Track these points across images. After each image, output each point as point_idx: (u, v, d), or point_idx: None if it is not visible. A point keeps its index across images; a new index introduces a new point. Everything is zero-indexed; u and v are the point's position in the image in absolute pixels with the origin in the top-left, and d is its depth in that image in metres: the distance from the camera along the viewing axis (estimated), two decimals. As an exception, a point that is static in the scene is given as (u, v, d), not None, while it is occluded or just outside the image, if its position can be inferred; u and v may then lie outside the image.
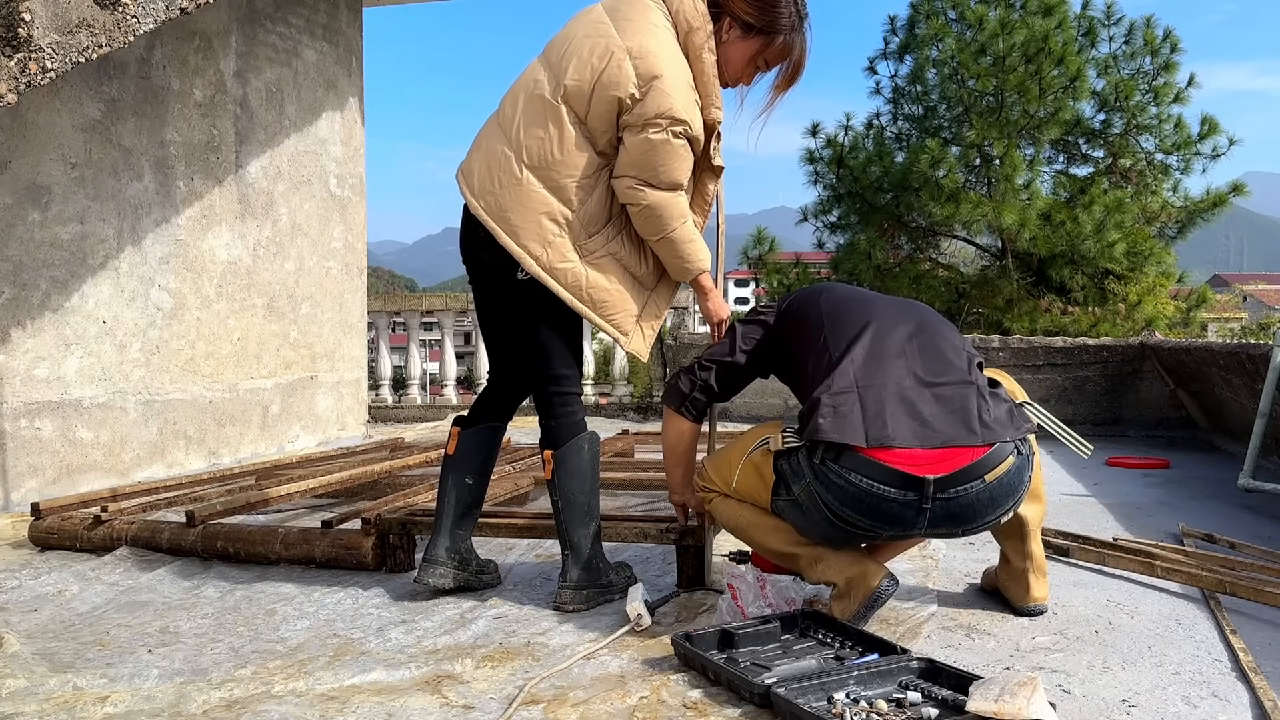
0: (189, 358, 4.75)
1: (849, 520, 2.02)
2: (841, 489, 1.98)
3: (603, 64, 2.24)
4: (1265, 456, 4.16)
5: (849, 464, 1.97)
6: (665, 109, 2.21)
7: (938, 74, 10.36)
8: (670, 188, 2.29)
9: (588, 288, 2.34)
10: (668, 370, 7.82)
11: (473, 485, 2.58)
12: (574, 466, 2.46)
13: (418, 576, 2.56)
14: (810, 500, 2.05)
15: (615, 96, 2.23)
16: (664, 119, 2.21)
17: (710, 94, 2.32)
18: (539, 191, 2.29)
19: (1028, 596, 2.35)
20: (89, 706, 1.87)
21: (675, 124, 2.22)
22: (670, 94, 2.22)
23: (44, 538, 3.30)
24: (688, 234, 2.35)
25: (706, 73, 2.31)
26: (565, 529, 2.48)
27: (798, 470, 2.07)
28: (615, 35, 2.26)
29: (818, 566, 2.17)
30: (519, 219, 2.30)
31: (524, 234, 2.30)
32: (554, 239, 2.30)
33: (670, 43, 2.27)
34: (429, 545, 2.58)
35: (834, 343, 2.15)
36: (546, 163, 2.29)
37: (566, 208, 2.30)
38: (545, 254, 2.30)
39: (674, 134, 2.23)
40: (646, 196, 2.27)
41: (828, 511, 2.03)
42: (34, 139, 3.98)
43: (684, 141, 2.26)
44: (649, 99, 2.21)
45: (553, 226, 2.30)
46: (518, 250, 2.30)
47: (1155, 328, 8.98)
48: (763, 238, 11.28)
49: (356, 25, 6.08)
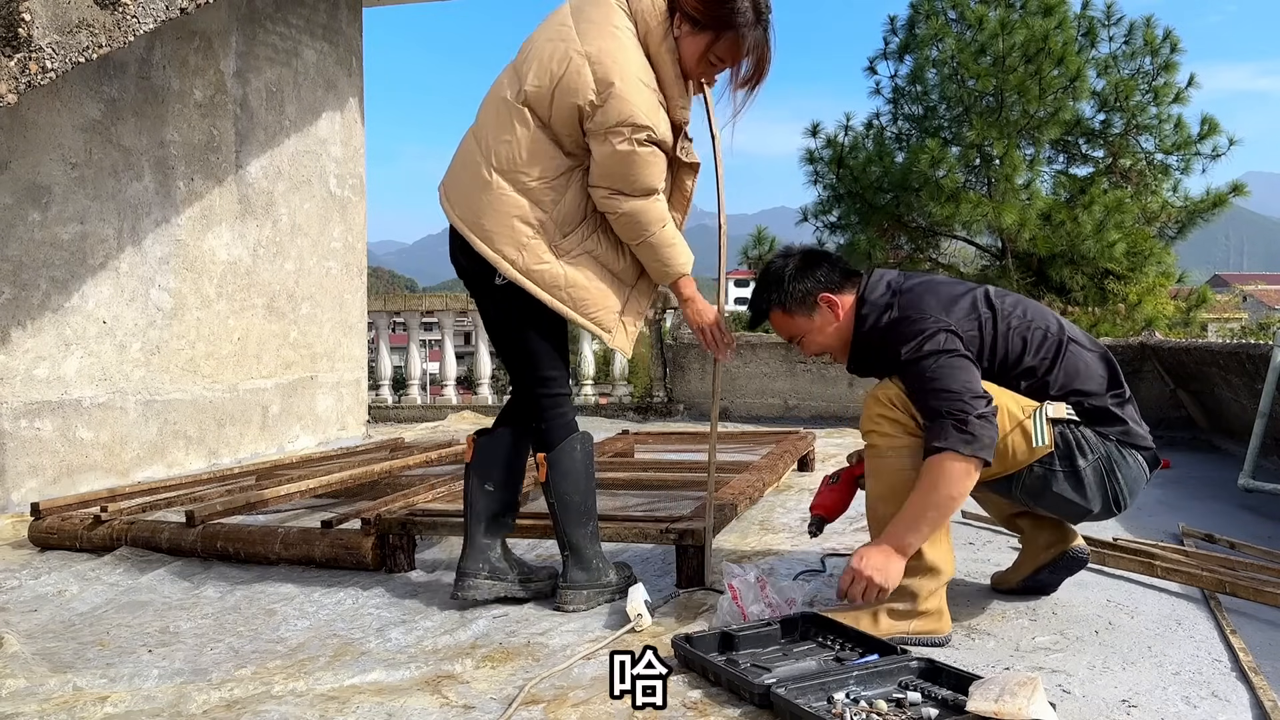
0: (189, 358, 4.75)
1: (1124, 499, 2.23)
2: (1134, 472, 2.24)
3: (561, 70, 2.23)
4: (1265, 456, 4.16)
5: (1146, 457, 2.26)
6: (625, 116, 2.20)
7: (938, 74, 10.36)
8: (645, 194, 2.28)
9: (566, 287, 2.32)
10: (668, 370, 7.82)
11: (495, 491, 2.50)
12: (567, 467, 2.45)
13: (452, 593, 2.50)
14: (1096, 474, 2.19)
15: (574, 103, 2.22)
16: (625, 126, 2.20)
17: (674, 95, 2.30)
18: (509, 195, 2.29)
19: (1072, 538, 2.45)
20: (89, 706, 1.87)
21: (638, 130, 2.21)
22: (629, 99, 2.20)
23: (44, 538, 3.30)
24: (667, 238, 2.33)
25: (668, 73, 2.29)
26: (563, 530, 2.46)
27: (1092, 445, 2.19)
28: (575, 39, 2.25)
29: (932, 577, 2.17)
30: (492, 224, 2.30)
31: (498, 238, 2.30)
32: (529, 241, 2.30)
33: (631, 46, 2.26)
34: (460, 558, 2.53)
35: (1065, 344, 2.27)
36: (514, 166, 2.29)
37: (539, 209, 2.29)
38: (521, 257, 2.30)
39: (639, 142, 2.21)
40: (622, 205, 2.28)
41: (1113, 485, 2.21)
42: (34, 139, 3.98)
43: (651, 148, 2.24)
44: (609, 106, 2.20)
45: (526, 229, 2.29)
46: (493, 255, 2.30)
47: (1155, 328, 8.97)
48: (763, 237, 11.27)
49: (356, 25, 6.08)
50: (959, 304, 2.24)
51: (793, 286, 2.32)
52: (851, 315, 2.33)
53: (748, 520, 3.51)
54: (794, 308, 2.33)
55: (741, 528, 3.39)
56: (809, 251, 2.39)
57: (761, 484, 3.42)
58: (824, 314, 2.33)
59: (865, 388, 6.65)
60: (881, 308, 2.27)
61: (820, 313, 2.33)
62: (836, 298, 2.32)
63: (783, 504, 3.80)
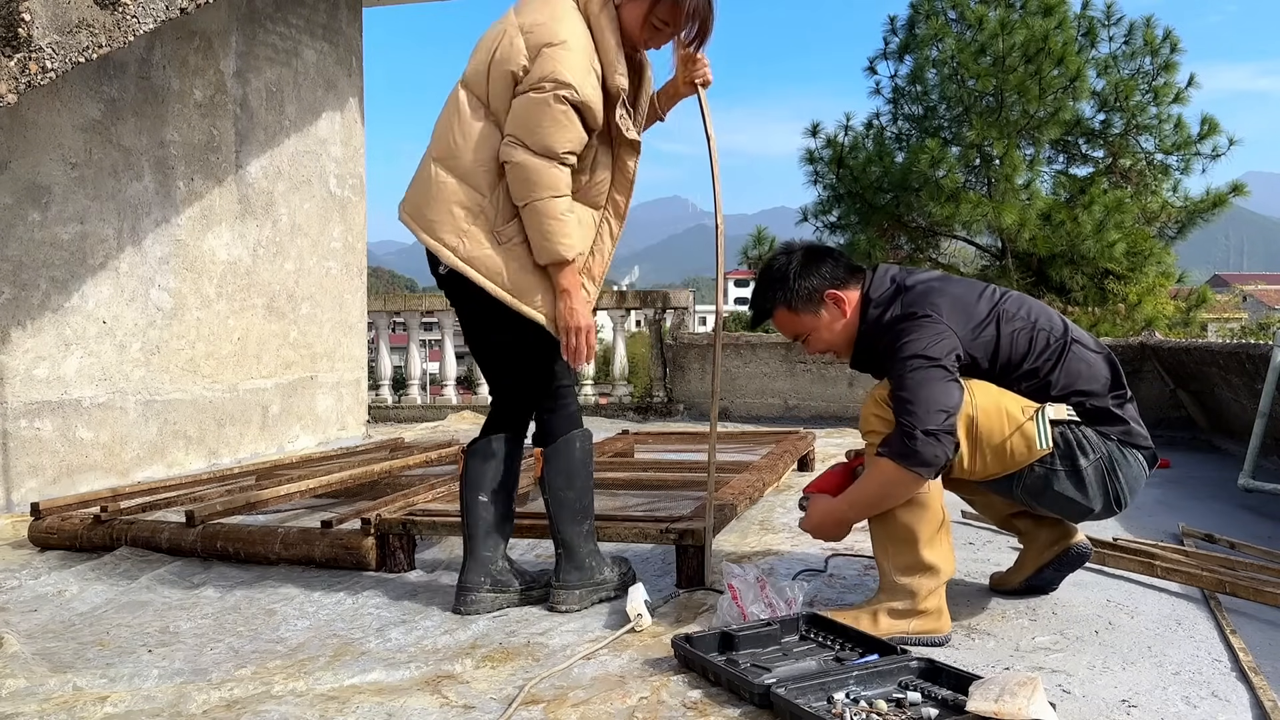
0: (189, 358, 4.75)
1: (1125, 497, 2.24)
2: (1135, 470, 2.25)
3: (496, 43, 2.25)
4: (1265, 456, 4.16)
5: (1145, 456, 2.27)
6: (549, 72, 2.19)
7: (938, 74, 10.37)
8: (543, 153, 2.21)
9: (508, 275, 2.28)
10: (668, 370, 7.82)
11: (489, 502, 2.47)
12: (564, 464, 2.43)
13: (454, 607, 2.47)
14: (1098, 473, 2.19)
15: (509, 71, 2.23)
16: (548, 81, 2.19)
17: (611, 61, 2.28)
18: (448, 181, 2.28)
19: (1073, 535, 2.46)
20: (89, 706, 1.87)
21: (560, 87, 2.19)
22: (556, 59, 2.19)
23: (44, 538, 3.30)
24: (555, 210, 2.23)
25: (607, 41, 2.29)
26: (557, 528, 2.45)
27: (1094, 445, 2.19)
28: (513, 16, 2.28)
29: (931, 576, 2.17)
30: (433, 213, 2.29)
31: (439, 226, 2.29)
32: (469, 228, 2.28)
33: (568, 14, 2.26)
34: (461, 570, 2.50)
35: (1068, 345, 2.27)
36: (451, 151, 2.28)
37: (477, 194, 2.28)
38: (462, 244, 2.27)
39: (557, 98, 2.19)
40: (516, 154, 2.22)
41: (1114, 484, 2.21)
42: (34, 139, 3.98)
43: (567, 108, 2.20)
44: (536, 65, 2.21)
45: (465, 215, 2.28)
46: (433, 243, 2.28)
47: (1155, 328, 8.98)
48: (763, 237, 11.28)
49: (356, 25, 6.08)
50: (976, 308, 2.24)
51: (798, 284, 2.30)
52: (857, 311, 2.32)
53: (748, 520, 3.51)
54: (800, 306, 2.31)
55: (741, 528, 3.39)
56: (811, 248, 2.37)
57: (761, 484, 3.42)
58: (831, 311, 2.31)
59: (865, 387, 6.65)
60: (887, 303, 2.27)
61: (827, 309, 2.31)
62: (843, 294, 2.31)
63: (783, 504, 3.80)
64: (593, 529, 2.50)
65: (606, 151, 2.38)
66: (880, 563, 2.23)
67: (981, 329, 2.22)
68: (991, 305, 2.26)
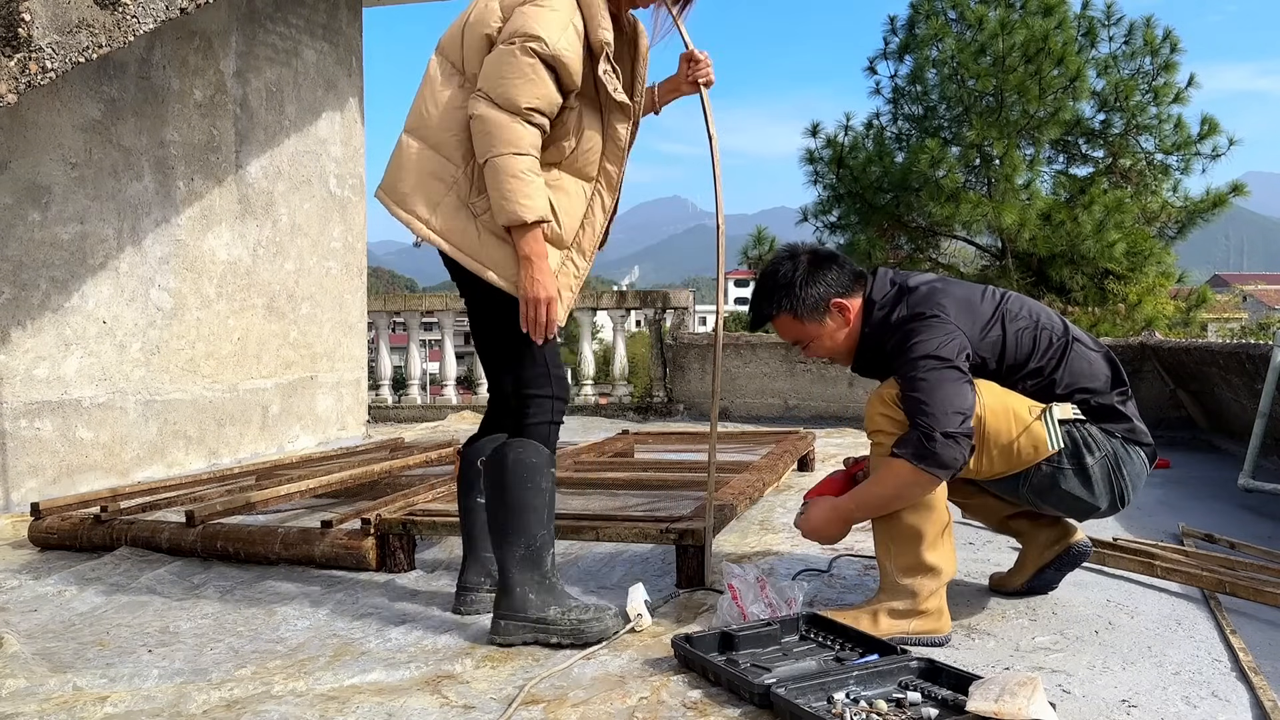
0: (189, 358, 4.75)
1: (1129, 495, 2.26)
2: (1138, 468, 2.27)
3: (472, 8, 2.21)
4: (1265, 456, 4.16)
5: (1146, 453, 2.29)
6: (520, 26, 2.10)
7: (938, 74, 10.37)
8: (506, 106, 2.08)
9: (484, 248, 2.16)
10: (668, 370, 7.82)
11: (485, 502, 2.39)
12: (494, 474, 2.23)
13: (454, 607, 2.46)
14: (1104, 470, 2.21)
15: (483, 34, 2.16)
16: (519, 36, 2.09)
17: (594, 15, 2.18)
18: (421, 151, 2.20)
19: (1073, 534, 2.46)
20: (89, 706, 1.87)
21: (530, 39, 2.08)
22: (530, 15, 2.11)
23: (44, 538, 3.30)
24: (515, 167, 2.07)
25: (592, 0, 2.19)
26: (494, 548, 2.28)
27: (1099, 443, 2.21)
28: None
29: (933, 577, 2.18)
30: (406, 185, 2.21)
31: (410, 199, 2.20)
32: (441, 199, 2.18)
33: None
34: (461, 570, 2.47)
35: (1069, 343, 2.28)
36: (423, 121, 2.22)
37: (449, 163, 2.19)
38: (433, 216, 2.17)
39: (524, 49, 2.07)
40: (479, 106, 2.11)
41: (1119, 481, 2.23)
42: (34, 139, 3.98)
43: (535, 60, 2.08)
44: (511, 21, 2.13)
45: (438, 186, 2.19)
46: (404, 215, 2.19)
47: (1155, 328, 8.98)
48: (763, 237, 11.29)
49: (356, 25, 6.08)
50: (980, 308, 2.24)
51: (804, 292, 2.28)
52: (860, 318, 2.32)
53: (748, 520, 3.51)
54: (805, 314, 2.30)
55: (741, 528, 3.39)
56: (815, 253, 2.35)
57: (761, 484, 3.42)
58: (835, 319, 2.31)
59: (866, 388, 6.65)
60: (891, 303, 2.27)
61: (832, 318, 2.31)
62: (847, 302, 2.30)
63: (783, 504, 3.80)
64: (535, 558, 2.21)
65: (595, 116, 2.27)
66: (883, 562, 2.23)
67: (988, 329, 2.22)
68: (995, 305, 2.26)
